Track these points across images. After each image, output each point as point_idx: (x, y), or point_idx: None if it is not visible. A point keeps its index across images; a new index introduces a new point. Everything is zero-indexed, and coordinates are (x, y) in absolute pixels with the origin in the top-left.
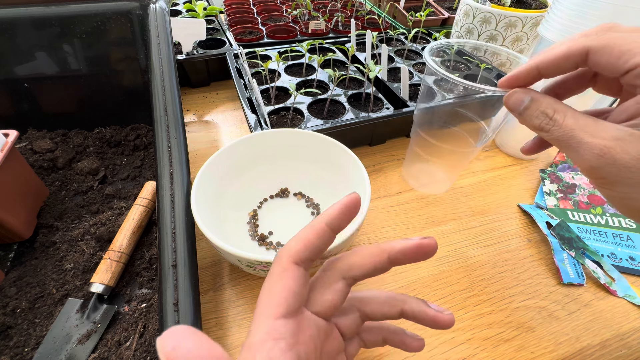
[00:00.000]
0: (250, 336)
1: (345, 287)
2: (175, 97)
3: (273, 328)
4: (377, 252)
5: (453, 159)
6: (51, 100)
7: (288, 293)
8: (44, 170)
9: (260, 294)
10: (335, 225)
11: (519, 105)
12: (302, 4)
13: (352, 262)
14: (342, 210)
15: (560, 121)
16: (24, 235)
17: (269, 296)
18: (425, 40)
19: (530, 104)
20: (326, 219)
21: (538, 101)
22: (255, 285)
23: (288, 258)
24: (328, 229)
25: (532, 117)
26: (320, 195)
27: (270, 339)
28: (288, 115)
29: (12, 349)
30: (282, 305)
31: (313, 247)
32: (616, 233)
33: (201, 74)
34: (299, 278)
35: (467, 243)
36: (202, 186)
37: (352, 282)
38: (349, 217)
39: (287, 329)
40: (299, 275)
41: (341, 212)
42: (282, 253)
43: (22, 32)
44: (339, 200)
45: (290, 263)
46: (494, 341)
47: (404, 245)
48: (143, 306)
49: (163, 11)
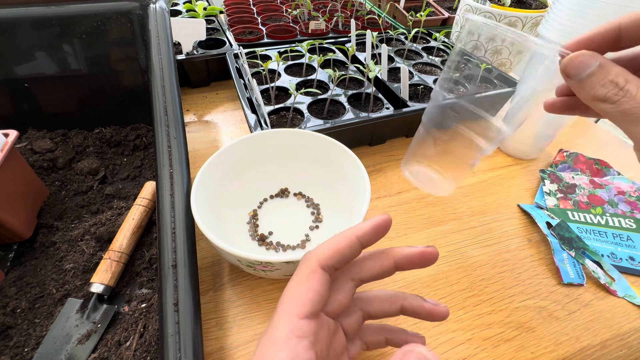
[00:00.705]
0: (272, 329)
1: (353, 288)
2: (175, 97)
3: (297, 326)
4: (384, 257)
5: (463, 158)
6: (51, 100)
7: (314, 295)
8: (44, 170)
9: (285, 291)
10: (365, 240)
11: (583, 70)
12: (302, 4)
13: (361, 265)
14: (373, 228)
15: (633, 92)
16: (24, 235)
17: (296, 295)
18: (425, 40)
19: (598, 70)
20: (358, 232)
21: (607, 68)
22: (255, 286)
23: (317, 261)
24: (358, 242)
25: (596, 86)
26: (320, 195)
27: (294, 337)
28: (288, 115)
29: (12, 349)
30: (306, 306)
31: (341, 256)
32: (616, 233)
33: (201, 74)
34: (325, 282)
35: (467, 243)
36: (202, 186)
37: (359, 283)
38: (379, 236)
39: (309, 328)
40: (325, 279)
41: (373, 229)
42: (311, 256)
43: (22, 32)
44: (372, 218)
45: (318, 266)
46: (494, 341)
47: (409, 252)
48: (143, 306)
49: (163, 11)
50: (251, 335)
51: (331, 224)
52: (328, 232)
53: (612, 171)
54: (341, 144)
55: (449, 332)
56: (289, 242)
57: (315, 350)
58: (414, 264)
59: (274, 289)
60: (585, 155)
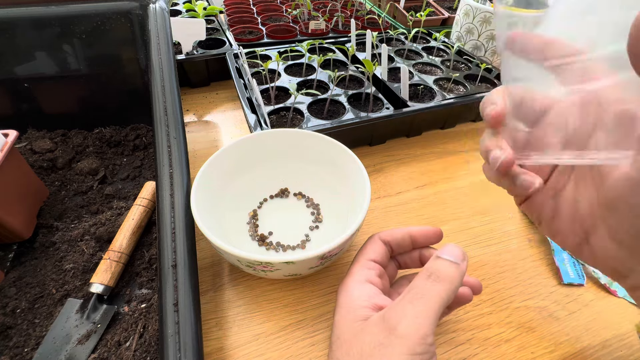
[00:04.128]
0: (349, 271)
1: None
2: (175, 97)
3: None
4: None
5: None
6: (51, 100)
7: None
8: (43, 171)
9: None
10: (414, 236)
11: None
12: (302, 4)
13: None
14: (423, 231)
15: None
16: (24, 235)
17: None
18: (425, 40)
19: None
20: (411, 229)
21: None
22: (255, 285)
23: (377, 236)
24: (408, 234)
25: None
26: (320, 195)
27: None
28: (288, 115)
29: (12, 349)
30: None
31: (393, 239)
32: None
33: (201, 74)
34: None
35: (467, 243)
36: (202, 186)
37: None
38: (427, 239)
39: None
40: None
41: (422, 232)
42: (374, 234)
43: (22, 32)
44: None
45: (377, 238)
46: (494, 341)
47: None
48: (143, 306)
49: (163, 11)
50: (251, 335)
51: (331, 224)
52: (328, 232)
53: None
54: (341, 144)
55: (450, 332)
56: (289, 242)
57: (378, 277)
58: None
59: (274, 289)
60: None
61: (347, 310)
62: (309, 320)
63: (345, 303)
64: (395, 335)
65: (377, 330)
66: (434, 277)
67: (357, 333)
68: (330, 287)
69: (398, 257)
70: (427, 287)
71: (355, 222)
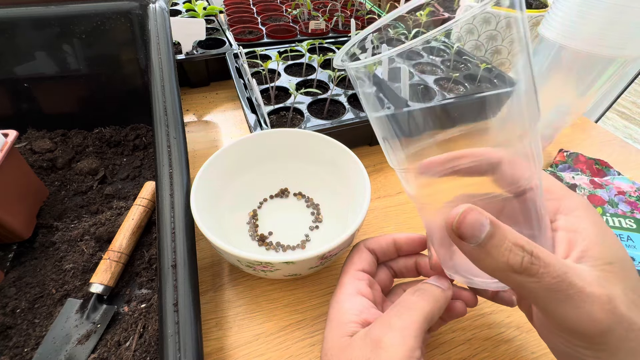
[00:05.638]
0: (339, 283)
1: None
2: (175, 97)
3: (355, 274)
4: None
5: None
6: (51, 100)
7: (364, 256)
8: (43, 170)
9: (344, 263)
10: (398, 243)
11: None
12: (302, 4)
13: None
14: (408, 238)
15: (546, 259)
16: (24, 235)
17: (351, 262)
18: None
19: (495, 229)
20: (396, 236)
21: (501, 227)
22: (255, 285)
23: (362, 244)
24: (392, 242)
25: (503, 252)
26: (320, 195)
27: (355, 279)
28: (288, 115)
29: (12, 349)
30: (359, 264)
31: (378, 247)
32: (616, 233)
33: (201, 73)
34: (369, 254)
35: None
36: (202, 186)
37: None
38: (410, 247)
39: (363, 275)
40: (368, 254)
41: (407, 239)
42: (359, 242)
43: (22, 32)
44: (414, 233)
45: (363, 247)
46: (494, 341)
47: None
48: (143, 306)
49: (163, 11)
50: (251, 335)
51: (331, 224)
52: (328, 232)
53: (612, 171)
54: (341, 144)
55: (449, 332)
56: (288, 242)
57: (368, 287)
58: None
59: (274, 289)
60: (586, 155)
61: (336, 324)
62: (309, 320)
63: (336, 317)
64: (381, 348)
65: (362, 344)
66: (419, 292)
67: (345, 348)
68: (330, 287)
69: (393, 265)
70: (412, 301)
71: (355, 222)
